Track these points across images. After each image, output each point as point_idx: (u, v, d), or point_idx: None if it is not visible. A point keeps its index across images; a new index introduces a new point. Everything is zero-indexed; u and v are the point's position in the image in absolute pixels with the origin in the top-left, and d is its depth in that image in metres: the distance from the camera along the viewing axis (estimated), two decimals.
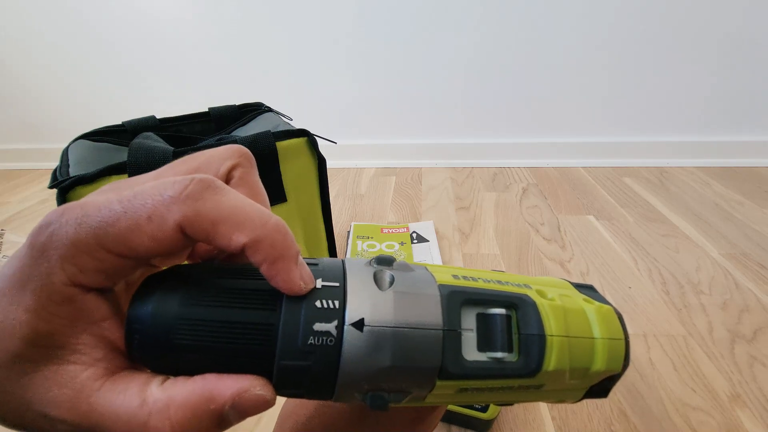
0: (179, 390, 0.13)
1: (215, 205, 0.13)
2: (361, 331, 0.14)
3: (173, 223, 0.13)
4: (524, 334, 0.16)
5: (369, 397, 0.15)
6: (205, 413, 0.13)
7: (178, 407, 0.13)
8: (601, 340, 0.17)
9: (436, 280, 0.17)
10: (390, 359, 0.14)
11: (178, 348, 0.13)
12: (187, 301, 0.14)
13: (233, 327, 0.14)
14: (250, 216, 0.14)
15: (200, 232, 0.13)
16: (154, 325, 0.13)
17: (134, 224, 0.13)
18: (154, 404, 0.13)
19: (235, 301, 0.14)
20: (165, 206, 0.13)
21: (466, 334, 0.16)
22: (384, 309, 0.15)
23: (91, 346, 0.13)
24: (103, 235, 0.12)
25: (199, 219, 0.13)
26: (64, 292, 0.13)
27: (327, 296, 0.15)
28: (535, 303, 0.17)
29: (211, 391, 0.13)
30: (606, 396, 0.19)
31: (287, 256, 0.14)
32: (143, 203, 0.13)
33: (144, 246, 0.13)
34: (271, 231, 0.14)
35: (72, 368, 0.13)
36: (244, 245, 0.13)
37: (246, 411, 0.13)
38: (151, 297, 0.14)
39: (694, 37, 1.07)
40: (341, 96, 1.23)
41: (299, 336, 0.14)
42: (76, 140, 0.58)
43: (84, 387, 0.13)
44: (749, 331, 0.59)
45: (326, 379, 0.14)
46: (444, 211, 0.98)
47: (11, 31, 1.22)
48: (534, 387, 0.17)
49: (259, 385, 0.14)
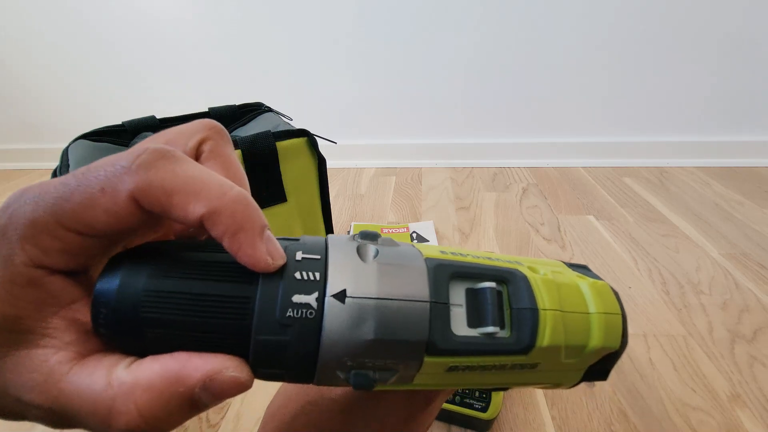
0: (145, 371, 0.12)
1: (169, 174, 0.13)
2: (343, 302, 0.13)
3: (126, 193, 0.12)
4: (516, 308, 0.15)
5: (353, 376, 0.14)
6: (173, 396, 0.12)
7: (144, 390, 0.12)
8: (597, 314, 0.16)
9: (422, 254, 0.16)
10: (374, 332, 0.13)
11: (146, 322, 0.13)
12: (156, 273, 0.13)
13: (205, 300, 0.13)
14: (208, 185, 0.13)
15: (154, 203, 0.12)
16: (120, 299, 0.13)
17: (87, 198, 0.12)
18: (119, 387, 0.12)
19: (209, 274, 0.13)
20: (117, 177, 0.12)
21: (456, 310, 0.15)
22: (367, 280, 0.14)
23: (62, 329, 0.13)
24: (60, 211, 0.12)
25: (152, 189, 0.12)
26: (27, 275, 0.12)
27: (307, 268, 0.14)
28: (526, 277, 0.16)
29: (179, 373, 0.12)
30: (605, 378, 0.17)
31: (249, 228, 0.13)
32: (96, 175, 0.12)
33: (101, 221, 0.12)
34: (231, 202, 0.13)
35: (41, 352, 0.12)
36: (201, 216, 0.13)
37: (219, 394, 0.13)
38: (117, 271, 0.13)
39: (694, 37, 1.07)
40: (341, 96, 1.23)
41: (277, 309, 0.13)
42: (76, 140, 0.58)
43: (53, 371, 0.12)
44: (749, 331, 0.59)
45: (307, 356, 0.13)
46: (444, 211, 0.98)
47: (11, 31, 1.22)
48: (529, 366, 0.16)
49: (233, 365, 0.13)
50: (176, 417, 0.13)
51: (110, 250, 0.14)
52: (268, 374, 0.14)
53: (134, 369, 0.13)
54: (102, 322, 0.13)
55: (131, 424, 0.12)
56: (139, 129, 0.62)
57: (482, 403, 0.45)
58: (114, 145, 0.60)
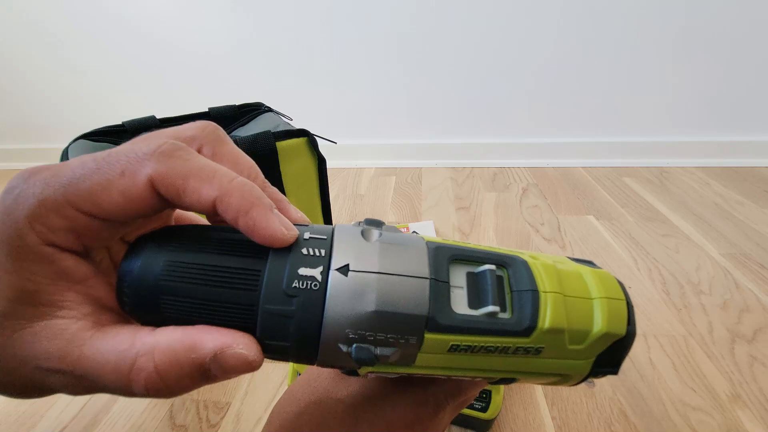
0: (165, 336, 0.13)
1: (186, 162, 0.14)
2: (346, 276, 0.14)
3: (145, 177, 0.13)
4: (516, 291, 0.16)
5: (354, 350, 0.14)
6: (187, 361, 0.13)
7: (162, 351, 0.13)
8: (600, 299, 0.16)
9: (424, 239, 0.16)
10: (375, 303, 0.14)
11: (165, 290, 0.14)
12: (177, 248, 0.14)
13: (219, 271, 0.14)
14: (219, 172, 0.14)
15: (170, 187, 0.13)
16: (143, 270, 0.14)
17: (106, 180, 0.13)
18: (141, 346, 0.13)
19: (223, 249, 0.14)
20: (138, 161, 0.13)
21: (457, 291, 0.15)
22: (370, 256, 0.15)
23: (78, 302, 0.14)
24: (73, 191, 0.13)
25: (171, 174, 0.13)
26: (38, 252, 0.13)
27: (314, 245, 0.15)
28: (526, 261, 0.16)
29: (194, 341, 0.13)
30: (616, 371, 0.17)
31: (260, 204, 0.14)
32: (117, 159, 0.13)
33: (113, 202, 0.13)
34: (240, 184, 0.14)
35: (61, 322, 0.13)
36: (215, 200, 0.14)
37: (228, 368, 0.13)
38: (142, 249, 0.14)
39: (694, 37, 1.07)
40: (341, 96, 1.23)
41: (284, 280, 0.14)
42: (76, 140, 0.58)
43: (75, 337, 0.13)
44: (749, 331, 0.59)
45: (311, 326, 0.14)
46: (444, 211, 0.98)
47: (11, 31, 1.22)
48: (533, 351, 0.16)
49: (243, 342, 0.14)
50: (188, 381, 0.14)
51: (110, 237, 0.15)
52: (274, 347, 0.15)
53: (157, 332, 0.14)
54: (126, 291, 0.14)
55: (149, 379, 0.13)
56: (139, 129, 0.62)
57: (482, 403, 0.45)
58: (114, 145, 0.59)
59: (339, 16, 1.13)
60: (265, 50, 1.19)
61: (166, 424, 0.48)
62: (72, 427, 0.48)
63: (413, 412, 0.20)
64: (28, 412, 0.50)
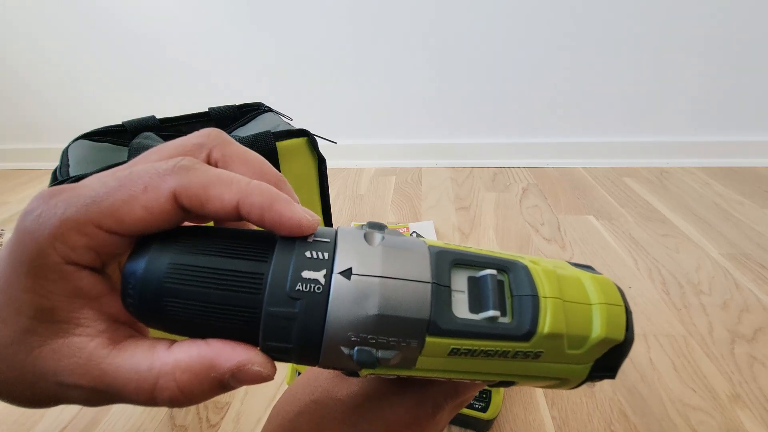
0: (184, 354, 0.14)
1: (204, 173, 0.14)
2: (349, 279, 0.14)
3: (168, 191, 0.14)
4: (517, 296, 0.16)
5: (356, 352, 0.15)
6: (207, 378, 0.14)
7: (183, 371, 0.14)
8: (599, 305, 0.16)
9: (426, 243, 0.17)
10: (377, 307, 0.14)
11: (169, 292, 0.14)
12: (181, 250, 0.14)
13: (223, 274, 0.14)
14: (236, 178, 0.15)
15: (193, 197, 0.14)
16: (147, 272, 0.14)
17: (129, 195, 0.14)
18: (162, 367, 0.14)
19: (227, 252, 0.14)
20: (160, 176, 0.14)
21: (458, 296, 0.16)
22: (372, 261, 0.15)
23: (94, 319, 0.14)
24: (96, 209, 0.13)
25: (193, 185, 0.14)
26: (58, 270, 0.13)
27: (317, 249, 0.15)
28: (527, 266, 0.16)
29: (213, 360, 0.14)
30: (614, 375, 0.17)
31: (281, 198, 0.15)
32: (139, 176, 0.14)
33: (136, 217, 0.14)
34: (257, 185, 0.15)
35: (78, 340, 0.14)
36: (237, 203, 0.14)
37: (245, 382, 0.14)
38: (147, 248, 0.14)
39: (694, 37, 1.07)
40: (342, 96, 1.23)
41: (287, 282, 0.14)
42: (76, 140, 0.58)
43: (93, 355, 0.14)
44: (749, 331, 0.59)
45: (313, 329, 0.14)
46: (444, 211, 0.98)
47: (11, 31, 1.22)
48: (532, 355, 0.16)
49: (259, 362, 0.14)
50: (208, 394, 0.14)
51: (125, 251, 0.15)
52: (276, 349, 0.15)
53: (175, 351, 0.14)
54: (130, 293, 0.14)
55: (173, 396, 0.14)
56: (139, 129, 0.62)
57: (482, 403, 0.45)
58: (114, 145, 0.59)
59: (339, 17, 1.13)
60: (265, 50, 1.19)
61: (165, 425, 0.48)
62: (72, 427, 0.48)
63: (412, 413, 0.20)
64: (28, 413, 0.50)
